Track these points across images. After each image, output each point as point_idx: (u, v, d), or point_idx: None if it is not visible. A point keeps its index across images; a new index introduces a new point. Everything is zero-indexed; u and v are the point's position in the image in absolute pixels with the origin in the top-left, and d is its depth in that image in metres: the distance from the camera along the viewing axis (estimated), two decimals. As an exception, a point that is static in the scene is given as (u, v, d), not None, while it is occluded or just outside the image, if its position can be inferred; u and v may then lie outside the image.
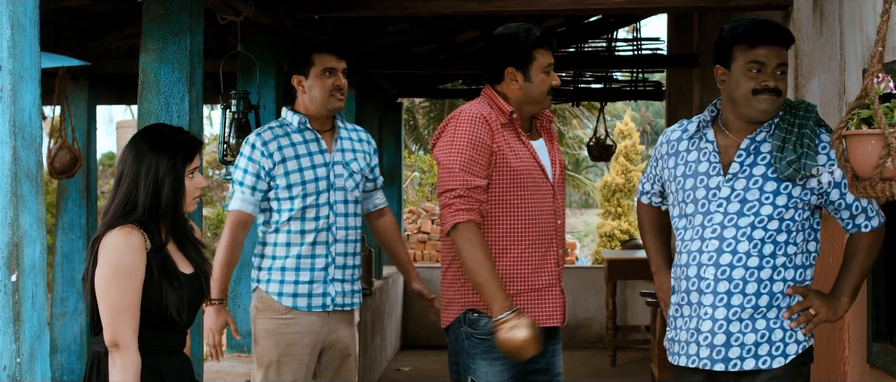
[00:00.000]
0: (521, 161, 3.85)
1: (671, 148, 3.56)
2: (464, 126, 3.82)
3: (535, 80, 3.89)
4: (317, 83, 4.28)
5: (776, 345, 3.35)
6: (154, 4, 4.49)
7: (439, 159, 3.85)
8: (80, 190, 7.93)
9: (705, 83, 9.60)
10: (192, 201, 3.24)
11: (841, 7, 4.47)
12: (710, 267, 3.35)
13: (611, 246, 18.08)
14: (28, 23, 2.33)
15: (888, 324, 4.16)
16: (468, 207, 3.74)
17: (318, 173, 4.28)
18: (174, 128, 3.28)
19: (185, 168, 3.19)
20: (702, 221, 3.38)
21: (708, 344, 3.37)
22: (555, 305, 3.91)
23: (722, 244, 3.33)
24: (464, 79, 12.06)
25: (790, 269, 3.36)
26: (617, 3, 5.77)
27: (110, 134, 22.75)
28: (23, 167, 2.29)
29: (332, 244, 4.32)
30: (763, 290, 3.33)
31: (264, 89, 6.09)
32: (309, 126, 4.31)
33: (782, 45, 3.31)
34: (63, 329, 7.88)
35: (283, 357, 4.26)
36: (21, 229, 2.29)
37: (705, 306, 3.37)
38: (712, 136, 3.44)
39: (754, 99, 3.29)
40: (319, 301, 4.29)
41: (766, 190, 3.32)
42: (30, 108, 2.32)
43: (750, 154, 3.35)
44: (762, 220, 3.31)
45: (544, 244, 3.89)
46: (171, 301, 3.13)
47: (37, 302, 2.35)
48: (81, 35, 6.57)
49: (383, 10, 5.98)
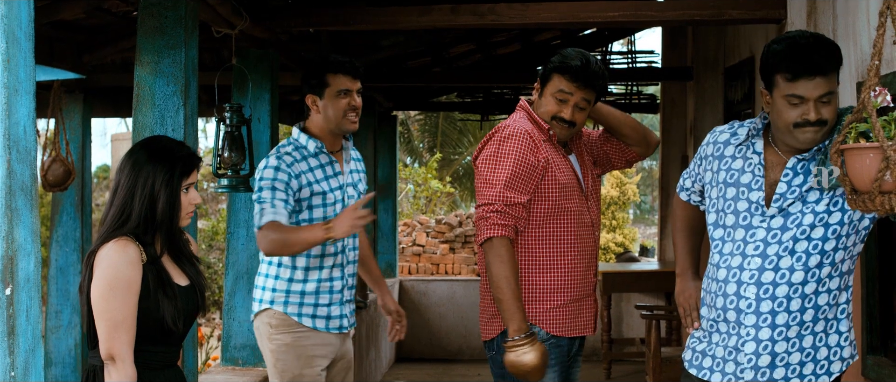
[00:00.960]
0: (565, 176, 3.94)
1: (717, 150, 3.39)
2: (510, 142, 3.88)
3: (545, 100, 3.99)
4: (331, 104, 4.25)
5: (821, 364, 3.23)
6: (149, 18, 4.49)
7: (481, 172, 3.93)
8: (74, 203, 7.91)
9: (700, 96, 9.62)
10: (186, 215, 3.24)
11: (835, 21, 4.48)
12: (751, 286, 3.20)
13: (606, 259, 18.05)
14: (23, 36, 2.32)
15: (882, 337, 4.17)
16: (504, 222, 3.81)
17: (336, 196, 4.29)
18: (175, 142, 3.27)
19: (182, 183, 3.18)
20: (744, 236, 3.23)
21: (752, 366, 3.23)
22: (591, 314, 4.05)
23: (764, 261, 3.18)
24: (458, 92, 12.07)
25: (835, 278, 3.20)
26: (611, 17, 5.77)
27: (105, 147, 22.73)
28: (17, 181, 2.28)
29: (345, 267, 4.35)
30: (808, 305, 3.18)
31: (259, 103, 6.08)
32: (324, 150, 4.29)
33: (825, 74, 3.05)
34: (57, 343, 7.84)
35: (305, 370, 4.27)
36: (15, 242, 2.27)
37: (747, 326, 3.22)
38: (761, 147, 3.27)
39: (796, 131, 3.11)
40: (337, 323, 4.34)
41: (809, 200, 3.15)
42: (24, 121, 2.31)
43: (797, 174, 3.18)
44: (805, 231, 3.14)
45: (587, 256, 4.00)
46: (167, 312, 3.13)
47: (31, 316, 2.34)
48: (76, 48, 6.56)
49: (378, 24, 5.99)
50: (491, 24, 5.86)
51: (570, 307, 3.96)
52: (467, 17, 5.82)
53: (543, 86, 3.98)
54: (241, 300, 6.07)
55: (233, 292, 6.11)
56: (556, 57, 3.96)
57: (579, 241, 3.96)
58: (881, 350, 4.16)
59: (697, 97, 9.73)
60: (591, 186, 4.08)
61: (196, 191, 3.29)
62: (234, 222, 6.11)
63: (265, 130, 6.08)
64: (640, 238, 21.40)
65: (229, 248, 6.13)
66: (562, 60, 3.92)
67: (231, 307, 6.12)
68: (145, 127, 4.45)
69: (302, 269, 4.28)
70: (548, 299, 3.92)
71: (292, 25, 5.93)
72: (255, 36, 5.72)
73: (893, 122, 2.58)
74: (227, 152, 5.10)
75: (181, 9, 4.48)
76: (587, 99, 3.92)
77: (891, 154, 2.50)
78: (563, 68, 3.91)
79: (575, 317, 3.98)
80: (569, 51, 3.96)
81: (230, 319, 6.13)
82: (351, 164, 4.43)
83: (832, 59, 3.08)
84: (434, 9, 5.81)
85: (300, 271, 4.28)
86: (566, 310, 3.94)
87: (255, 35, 5.70)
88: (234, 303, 6.12)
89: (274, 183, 4.16)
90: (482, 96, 11.94)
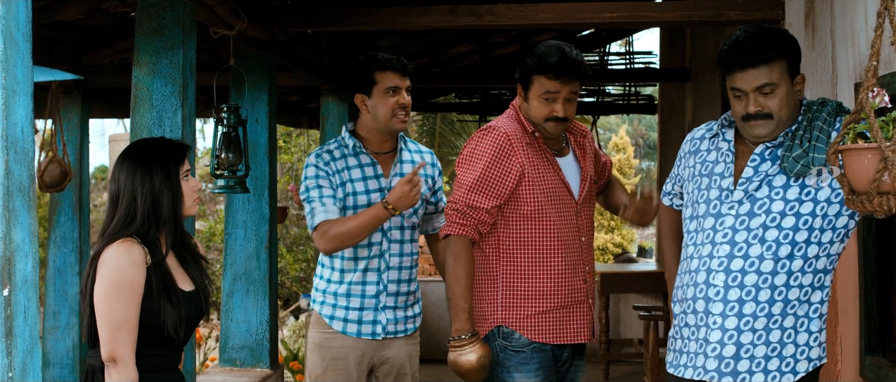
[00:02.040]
0: (546, 181, 3.88)
1: (693, 146, 3.47)
2: (484, 142, 3.87)
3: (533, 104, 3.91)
4: (380, 102, 4.18)
5: (787, 361, 3.20)
6: (147, 19, 4.48)
7: (457, 169, 3.95)
8: (72, 204, 7.91)
9: (698, 97, 9.62)
10: (192, 203, 3.26)
11: (833, 22, 4.48)
12: (719, 273, 3.21)
13: (604, 259, 18.05)
14: (21, 37, 2.32)
15: (880, 338, 4.17)
16: (463, 222, 3.82)
17: (373, 198, 4.19)
18: (156, 139, 3.30)
19: (180, 172, 3.20)
20: (714, 224, 3.25)
21: (716, 355, 3.23)
22: (583, 321, 3.96)
23: (733, 248, 3.19)
24: (456, 93, 12.08)
25: (808, 274, 3.18)
26: (609, 18, 5.77)
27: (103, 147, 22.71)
28: (15, 182, 2.27)
29: (383, 272, 4.22)
30: (777, 297, 3.16)
31: (257, 103, 6.08)
32: (364, 150, 4.23)
33: (756, 65, 3.12)
34: (55, 343, 7.85)
35: (328, 371, 4.23)
36: (13, 243, 2.27)
37: (714, 314, 3.22)
38: (731, 136, 3.32)
39: (745, 125, 3.20)
40: (369, 329, 4.22)
41: (776, 185, 3.18)
42: (22, 122, 2.31)
43: (765, 160, 3.21)
44: (774, 218, 3.16)
45: (572, 262, 3.92)
46: (169, 318, 3.12)
47: (29, 317, 2.33)
48: (74, 49, 6.56)
49: (376, 25, 5.98)
50: (489, 24, 5.85)
51: (555, 313, 3.89)
52: (466, 18, 5.81)
53: (526, 90, 3.91)
54: (239, 300, 6.07)
55: (231, 293, 6.11)
56: (530, 58, 3.89)
57: (564, 247, 3.89)
58: (879, 351, 4.16)
59: (696, 98, 9.74)
60: (586, 191, 4.00)
61: (195, 177, 3.31)
62: (232, 223, 6.11)
63: (263, 131, 6.08)
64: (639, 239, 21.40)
65: (227, 249, 6.12)
66: (538, 60, 3.85)
67: (229, 308, 6.12)
68: (143, 128, 4.45)
69: (338, 271, 4.22)
70: (528, 304, 3.87)
71: (290, 26, 5.92)
72: (253, 37, 5.72)
73: (891, 122, 2.58)
74: (225, 152, 5.09)
75: (179, 10, 4.47)
76: (574, 90, 3.88)
77: (889, 155, 2.49)
78: (542, 68, 3.84)
79: (561, 324, 3.90)
80: (540, 48, 3.89)
81: (228, 320, 6.12)
82: (405, 166, 4.29)
83: (764, 49, 3.11)
84: (433, 9, 5.81)
85: (337, 272, 4.23)
86: (550, 317, 3.88)
87: (254, 36, 5.69)
88: (232, 304, 6.12)
89: (318, 181, 4.15)
90: (480, 97, 11.94)
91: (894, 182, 2.49)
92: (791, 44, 3.18)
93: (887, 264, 4.17)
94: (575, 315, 3.93)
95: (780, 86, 3.14)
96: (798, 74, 3.20)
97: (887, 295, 4.17)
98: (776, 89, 3.14)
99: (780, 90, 3.15)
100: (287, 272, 15.22)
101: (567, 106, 3.87)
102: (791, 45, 3.18)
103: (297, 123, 11.33)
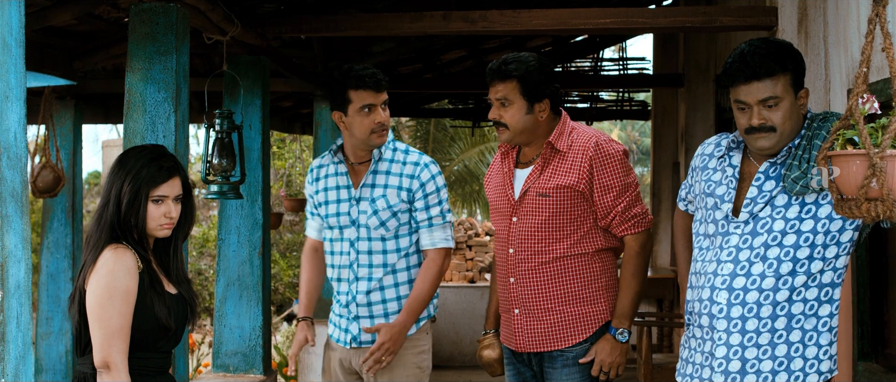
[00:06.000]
0: (493, 190, 4.15)
1: (702, 162, 3.48)
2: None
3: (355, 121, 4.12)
4: (356, 121, 4.11)
5: (795, 375, 3.19)
6: (140, 24, 4.49)
7: None
8: (65, 209, 7.90)
9: (691, 103, 9.64)
10: (157, 227, 3.21)
11: (826, 28, 4.50)
12: (722, 291, 3.22)
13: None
14: (13, 42, 2.32)
15: (873, 344, 4.18)
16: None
17: (341, 208, 4.21)
18: (150, 150, 3.27)
19: (149, 191, 3.17)
20: (720, 242, 3.26)
21: (722, 371, 3.23)
22: (511, 329, 4.10)
23: (736, 267, 3.20)
24: (450, 98, 12.08)
25: (813, 288, 3.17)
26: (603, 24, 5.78)
27: (96, 153, 22.68)
28: (8, 187, 2.28)
29: (352, 282, 4.22)
30: (780, 312, 3.16)
31: (250, 109, 6.08)
32: (340, 159, 4.25)
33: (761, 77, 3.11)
34: (48, 349, 7.83)
35: (322, 372, 4.45)
36: (6, 249, 2.27)
37: (719, 331, 3.23)
38: (737, 161, 3.33)
39: (749, 138, 3.19)
40: (344, 337, 4.28)
41: (777, 204, 3.17)
42: (15, 128, 2.31)
43: (769, 178, 3.21)
44: (776, 237, 3.16)
45: (503, 271, 4.12)
46: (161, 312, 3.14)
47: (22, 322, 2.33)
48: (67, 54, 6.55)
49: (369, 30, 5.98)
50: (482, 30, 5.86)
51: (503, 317, 4.17)
52: (459, 24, 5.81)
53: None
54: (232, 306, 6.07)
55: (224, 298, 6.10)
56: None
57: (499, 256, 4.14)
58: (872, 356, 4.17)
59: (689, 104, 9.75)
60: (527, 202, 3.97)
61: (173, 204, 3.25)
62: (225, 229, 6.10)
63: (256, 136, 6.08)
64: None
65: (220, 254, 6.12)
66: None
67: (222, 314, 6.12)
68: (136, 133, 4.45)
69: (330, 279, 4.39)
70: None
71: (284, 32, 5.92)
72: (246, 42, 5.72)
73: (880, 129, 2.59)
74: (218, 158, 5.09)
75: (172, 15, 4.47)
76: (503, 93, 3.99)
77: (877, 161, 2.50)
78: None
79: (505, 328, 4.15)
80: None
81: (221, 325, 6.12)
82: (378, 177, 4.20)
83: (768, 62, 3.11)
84: (426, 15, 5.81)
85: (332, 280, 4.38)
86: (503, 319, 4.17)
87: (247, 41, 5.69)
88: (225, 310, 6.11)
89: (309, 195, 4.38)
90: (473, 103, 11.95)
91: (882, 188, 2.49)
92: (795, 57, 3.18)
93: (879, 270, 4.18)
94: (507, 322, 4.14)
95: (784, 99, 3.14)
96: (802, 88, 3.20)
97: (880, 301, 4.18)
98: (780, 102, 3.14)
99: (783, 103, 3.14)
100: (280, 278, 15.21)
101: (499, 109, 4.01)
102: (795, 59, 3.17)
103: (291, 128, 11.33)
